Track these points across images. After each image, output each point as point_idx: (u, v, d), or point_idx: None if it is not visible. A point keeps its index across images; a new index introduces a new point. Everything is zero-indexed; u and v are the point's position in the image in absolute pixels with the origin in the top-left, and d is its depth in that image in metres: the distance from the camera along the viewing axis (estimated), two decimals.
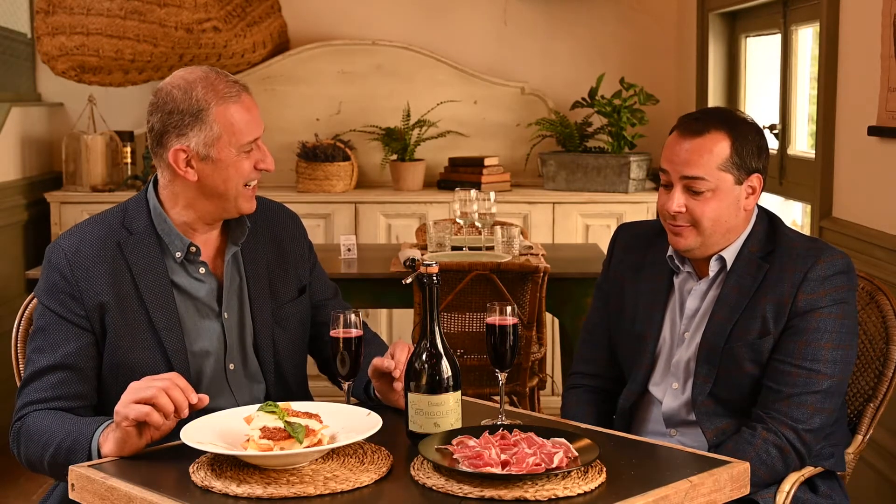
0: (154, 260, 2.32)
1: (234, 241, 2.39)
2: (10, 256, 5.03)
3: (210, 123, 2.25)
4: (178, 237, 2.33)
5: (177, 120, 2.26)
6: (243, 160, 2.29)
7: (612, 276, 2.59)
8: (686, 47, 5.56)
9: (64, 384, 2.25)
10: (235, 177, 2.29)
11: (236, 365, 2.38)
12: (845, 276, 2.36)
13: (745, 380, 2.38)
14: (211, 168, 2.28)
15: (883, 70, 3.32)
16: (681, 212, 2.37)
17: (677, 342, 2.47)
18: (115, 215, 2.37)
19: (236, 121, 2.27)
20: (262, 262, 2.43)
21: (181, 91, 2.27)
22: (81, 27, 5.04)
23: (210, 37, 5.09)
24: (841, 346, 2.33)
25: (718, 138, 2.35)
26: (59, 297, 2.28)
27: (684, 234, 2.39)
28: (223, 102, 2.26)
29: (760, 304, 2.37)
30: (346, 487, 1.86)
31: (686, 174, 2.35)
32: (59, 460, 2.14)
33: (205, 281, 2.36)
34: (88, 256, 2.29)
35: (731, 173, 2.35)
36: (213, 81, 2.28)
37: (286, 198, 5.06)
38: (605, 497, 1.83)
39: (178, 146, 2.27)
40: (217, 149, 2.26)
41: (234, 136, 2.27)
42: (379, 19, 5.72)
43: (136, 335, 2.28)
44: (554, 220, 5.25)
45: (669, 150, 2.39)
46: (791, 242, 2.41)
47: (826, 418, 2.34)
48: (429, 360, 2.09)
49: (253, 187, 2.34)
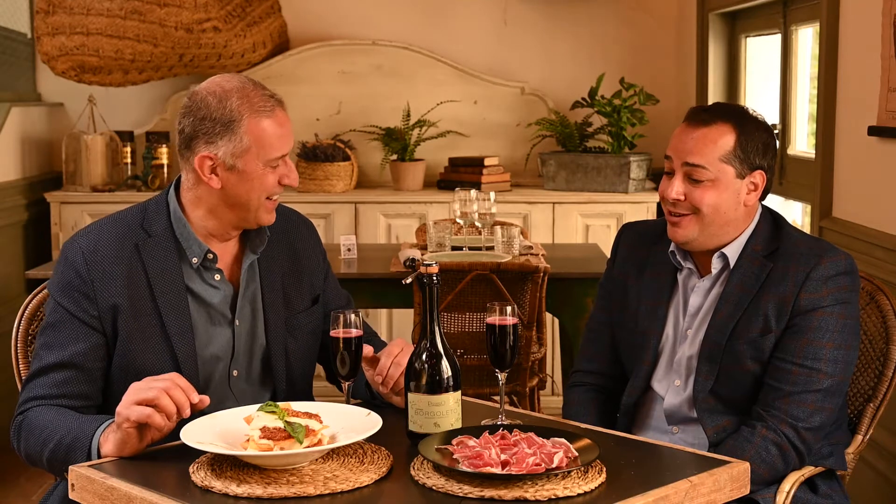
0: (171, 264, 2.31)
1: (254, 249, 2.38)
2: (10, 256, 5.03)
3: (241, 135, 2.24)
4: (197, 243, 2.32)
5: (208, 127, 2.25)
6: (269, 174, 2.28)
7: (616, 275, 2.60)
8: (686, 47, 5.57)
9: (69, 383, 2.25)
10: (259, 189, 2.28)
11: (240, 371, 2.38)
12: (848, 277, 2.37)
13: (747, 378, 2.38)
14: (236, 178, 2.27)
15: (883, 70, 3.32)
16: (679, 199, 2.39)
17: (680, 339, 2.47)
18: (135, 216, 2.35)
19: (267, 135, 2.25)
20: (277, 271, 2.42)
21: (216, 98, 2.25)
22: (81, 27, 5.04)
23: (210, 37, 5.09)
24: (842, 346, 2.34)
25: (724, 130, 2.37)
26: (73, 294, 2.27)
27: (682, 224, 2.40)
28: (256, 116, 2.25)
29: (763, 302, 2.37)
30: (346, 487, 1.86)
31: (688, 161, 2.37)
32: (59, 457, 2.14)
33: (219, 288, 2.35)
34: (106, 256, 2.28)
35: (732, 166, 2.36)
36: (250, 93, 2.26)
37: (286, 198, 5.02)
38: (605, 497, 1.83)
39: (206, 153, 2.26)
40: (244, 160, 2.25)
41: (263, 150, 2.25)
42: (379, 19, 5.72)
43: (147, 340, 2.28)
44: (554, 220, 5.25)
45: (676, 138, 2.42)
46: (795, 242, 2.42)
47: (826, 417, 2.34)
48: (429, 360, 2.09)
49: (274, 201, 2.33)
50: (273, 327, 2.39)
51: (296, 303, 2.44)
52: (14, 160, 5.15)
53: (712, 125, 2.37)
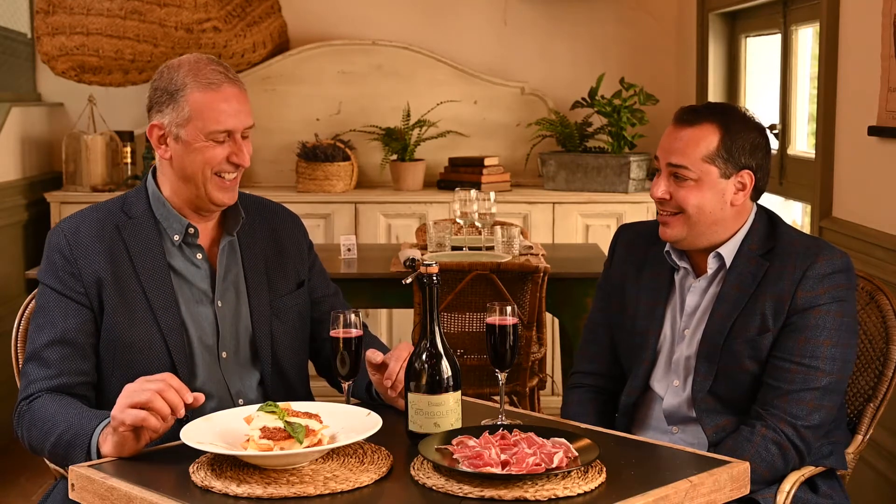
0: (152, 242, 2.36)
1: (229, 230, 2.42)
2: (10, 256, 5.03)
3: (183, 104, 2.30)
4: (177, 219, 2.37)
5: (158, 96, 2.34)
6: (213, 147, 2.32)
7: (614, 275, 2.60)
8: (686, 47, 5.56)
9: (65, 360, 2.27)
10: (201, 162, 2.32)
11: (229, 353, 2.39)
12: (844, 275, 2.37)
13: (745, 377, 2.38)
14: (182, 149, 2.32)
15: (883, 70, 3.32)
16: (665, 198, 2.41)
17: (678, 339, 2.48)
18: (115, 202, 2.43)
19: (207, 108, 2.29)
20: (259, 255, 2.46)
21: (168, 70, 2.34)
22: (81, 27, 5.04)
23: (210, 37, 5.09)
24: (840, 344, 2.34)
25: (708, 131, 2.38)
26: (59, 275, 2.31)
27: (671, 223, 2.42)
28: (199, 88, 2.30)
29: (760, 301, 2.37)
30: (346, 487, 1.86)
31: (671, 162, 2.39)
32: (60, 451, 2.17)
33: (200, 266, 2.39)
34: (87, 235, 2.34)
35: (716, 166, 2.37)
36: (201, 67, 2.32)
37: (286, 198, 5.06)
38: (605, 497, 1.83)
39: (155, 121, 2.34)
40: (186, 130, 2.31)
41: (202, 122, 2.30)
42: (379, 19, 5.72)
43: (133, 313, 2.31)
44: (554, 220, 5.25)
45: (663, 138, 2.44)
46: (791, 241, 2.42)
47: (825, 415, 2.34)
48: (429, 360, 2.09)
49: (227, 179, 2.35)
50: (257, 309, 2.41)
51: (280, 286, 2.46)
52: (14, 160, 5.15)
53: (697, 125, 2.38)
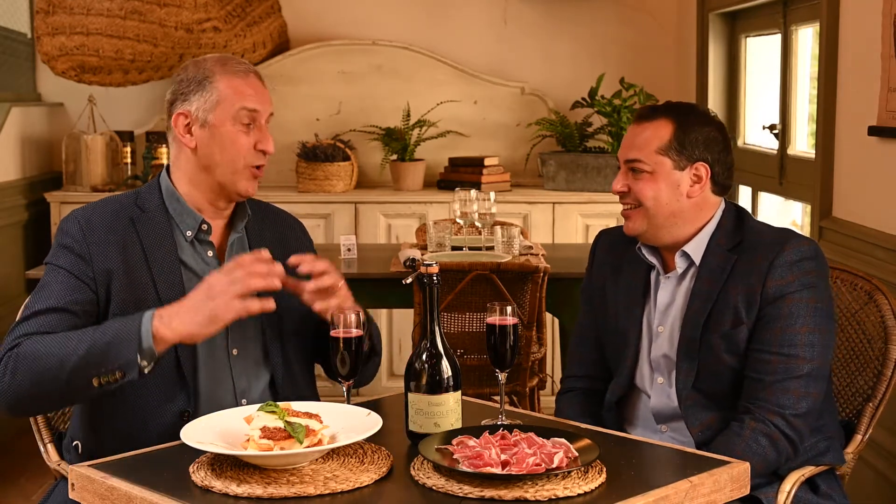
0: (164, 237, 2.36)
1: (236, 227, 2.44)
2: (10, 256, 5.03)
3: (211, 89, 2.34)
4: (191, 215, 2.38)
5: (184, 88, 2.36)
6: (241, 134, 2.34)
7: (595, 279, 2.65)
8: (686, 47, 5.57)
9: (62, 323, 2.23)
10: (231, 149, 2.34)
11: (239, 350, 2.39)
12: (813, 262, 2.38)
13: (725, 371, 2.39)
14: (208, 136, 2.34)
15: (883, 70, 3.32)
16: (624, 191, 2.47)
17: (654, 336, 2.50)
18: (129, 196, 2.43)
19: (237, 90, 2.34)
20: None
21: (194, 64, 2.39)
22: (81, 27, 5.04)
23: (210, 37, 5.09)
24: (817, 330, 2.34)
25: (662, 125, 2.44)
26: (69, 256, 2.31)
27: (632, 216, 2.47)
28: (227, 74, 2.35)
29: (731, 294, 2.39)
30: (346, 487, 1.86)
31: (627, 157, 2.47)
32: (93, 362, 2.13)
33: (210, 264, 2.39)
34: (101, 224, 2.34)
35: (669, 158, 2.42)
36: (227, 60, 2.39)
37: (286, 198, 5.07)
38: (605, 497, 1.83)
39: (181, 110, 2.36)
40: (215, 114, 2.33)
41: (230, 103, 2.32)
42: (379, 19, 5.72)
43: (141, 305, 2.29)
44: (554, 220, 5.25)
45: (624, 137, 2.52)
46: (758, 233, 2.44)
47: (813, 403, 2.34)
48: (429, 360, 2.09)
49: (256, 169, 2.37)
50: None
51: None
52: (14, 160, 5.15)
53: (652, 121, 2.46)
